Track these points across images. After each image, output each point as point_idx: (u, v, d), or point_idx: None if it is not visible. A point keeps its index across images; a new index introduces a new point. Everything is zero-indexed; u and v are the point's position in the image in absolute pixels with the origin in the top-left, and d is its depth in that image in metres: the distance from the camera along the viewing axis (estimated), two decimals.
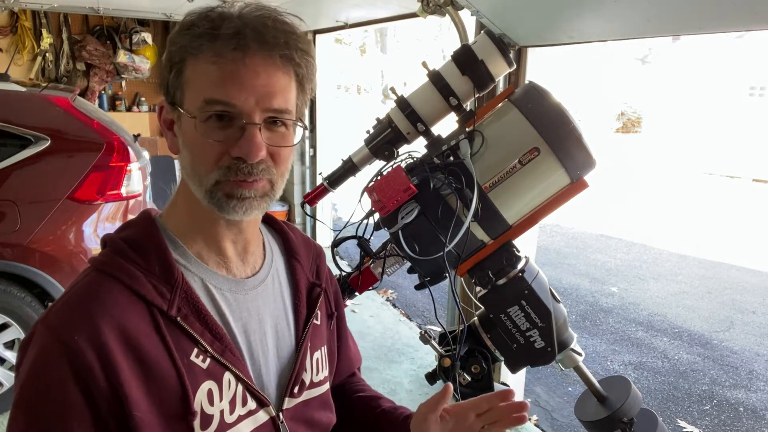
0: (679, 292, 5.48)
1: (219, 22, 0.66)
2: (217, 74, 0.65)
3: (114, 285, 0.66)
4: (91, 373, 0.62)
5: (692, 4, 1.66)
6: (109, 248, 0.71)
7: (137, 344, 0.64)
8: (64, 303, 0.67)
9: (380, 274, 1.10)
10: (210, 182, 0.68)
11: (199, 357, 0.68)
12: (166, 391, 0.66)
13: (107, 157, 2.89)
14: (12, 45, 5.43)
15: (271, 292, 0.81)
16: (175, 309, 0.68)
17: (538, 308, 1.01)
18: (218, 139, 0.66)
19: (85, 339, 0.62)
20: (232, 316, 0.74)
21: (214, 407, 0.69)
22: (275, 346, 0.79)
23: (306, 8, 4.34)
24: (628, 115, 20.46)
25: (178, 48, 0.68)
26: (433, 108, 1.04)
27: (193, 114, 0.67)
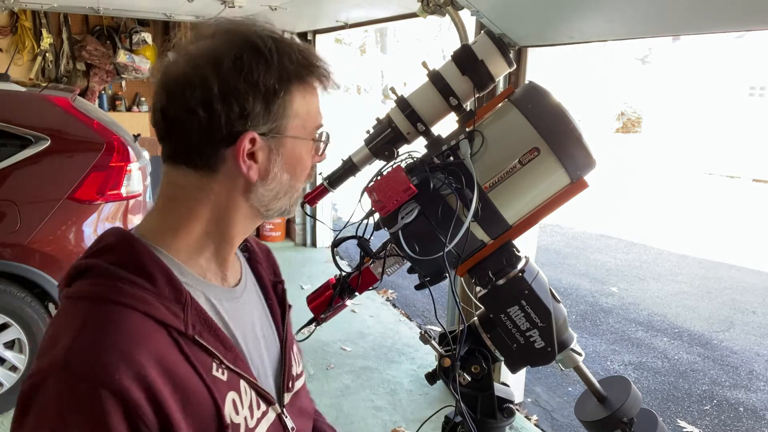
0: (679, 292, 5.49)
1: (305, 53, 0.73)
2: (316, 102, 0.76)
3: (130, 314, 0.64)
4: (140, 411, 0.60)
5: (692, 4, 1.66)
6: (104, 276, 0.67)
7: (171, 369, 0.64)
8: (84, 343, 0.61)
9: (380, 274, 1.10)
10: (300, 192, 0.79)
11: (219, 370, 0.70)
12: (201, 410, 0.66)
13: (107, 157, 2.89)
14: (12, 45, 5.43)
15: (254, 295, 0.85)
16: (191, 327, 0.68)
17: (538, 308, 1.01)
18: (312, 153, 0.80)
19: (128, 377, 0.59)
20: (232, 324, 0.76)
21: (239, 416, 0.71)
22: (266, 346, 0.83)
23: (306, 8, 4.34)
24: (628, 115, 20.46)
25: (278, 79, 0.69)
26: (433, 108, 1.04)
27: (306, 137, 0.75)
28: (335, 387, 3.26)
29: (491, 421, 1.09)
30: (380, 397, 3.18)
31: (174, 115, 0.69)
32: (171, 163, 0.74)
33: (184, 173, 0.73)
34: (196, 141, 0.70)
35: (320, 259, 5.57)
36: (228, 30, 0.72)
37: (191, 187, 0.73)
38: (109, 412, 0.58)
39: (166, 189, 0.75)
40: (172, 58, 0.72)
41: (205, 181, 0.72)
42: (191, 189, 0.73)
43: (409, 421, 2.95)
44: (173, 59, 0.72)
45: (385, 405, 3.10)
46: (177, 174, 0.73)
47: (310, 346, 3.62)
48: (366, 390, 3.25)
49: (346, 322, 4.08)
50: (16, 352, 2.84)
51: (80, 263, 0.69)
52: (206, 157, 0.71)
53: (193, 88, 0.67)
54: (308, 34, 5.37)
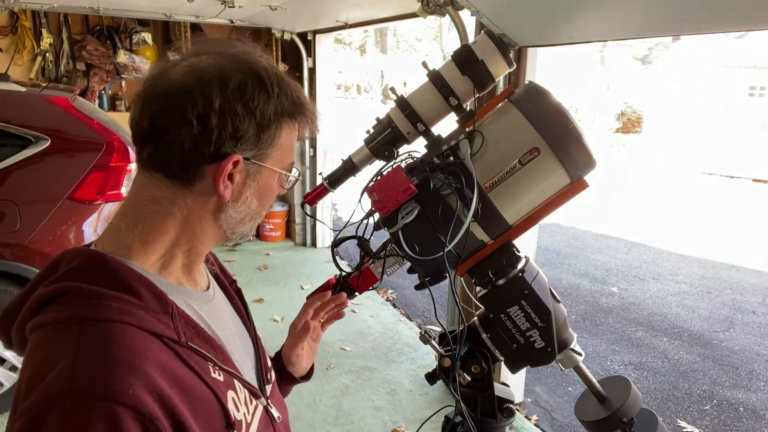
0: (679, 292, 5.49)
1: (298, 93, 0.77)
2: (294, 143, 0.80)
3: (125, 328, 0.63)
4: (156, 422, 0.59)
5: (692, 4, 1.66)
6: (87, 297, 0.65)
7: (177, 377, 0.65)
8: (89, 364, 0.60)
9: (380, 274, 1.10)
10: (260, 221, 0.82)
11: (215, 372, 0.71)
12: (209, 412, 0.68)
13: (107, 157, 2.89)
14: (12, 45, 5.42)
15: (220, 297, 0.88)
16: (183, 335, 0.69)
17: (538, 308, 1.01)
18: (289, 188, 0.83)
19: (141, 390, 0.59)
20: (213, 326, 0.78)
21: (240, 412, 0.73)
22: (242, 344, 0.87)
23: (306, 8, 4.34)
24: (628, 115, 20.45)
25: (274, 111, 0.73)
26: (433, 108, 1.04)
27: (280, 171, 0.78)
28: (335, 387, 3.26)
29: (491, 421, 1.09)
30: (380, 397, 3.18)
31: (167, 121, 0.69)
32: (147, 170, 0.73)
33: (159, 183, 0.72)
34: (181, 152, 0.70)
35: (320, 259, 5.57)
36: (235, 54, 0.74)
37: (164, 200, 0.72)
38: (127, 428, 0.57)
39: (137, 205, 0.74)
40: (170, 65, 0.72)
41: (179, 195, 0.72)
42: (164, 202, 0.73)
43: (409, 421, 2.95)
44: (171, 66, 0.72)
45: (385, 405, 3.10)
46: (151, 183, 0.73)
47: None
48: (366, 390, 3.25)
49: (346, 322, 4.07)
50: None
51: (51, 289, 0.66)
52: (187, 169, 0.71)
53: (195, 100, 0.68)
54: (308, 34, 5.36)
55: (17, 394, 0.61)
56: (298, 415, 2.93)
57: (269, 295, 4.54)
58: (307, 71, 5.51)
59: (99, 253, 0.70)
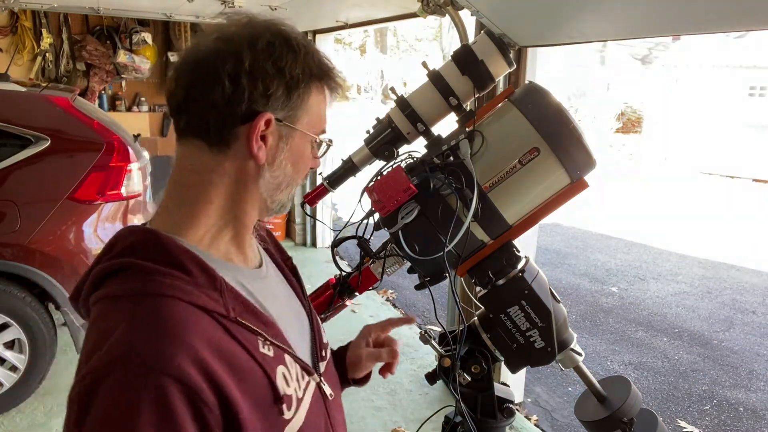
0: (679, 292, 5.49)
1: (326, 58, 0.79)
2: (325, 108, 0.80)
3: (176, 303, 0.66)
4: (201, 394, 0.61)
5: (692, 4, 1.66)
6: (141, 273, 0.68)
7: (223, 350, 0.66)
8: (141, 336, 0.63)
9: (380, 274, 1.10)
10: (295, 190, 0.82)
11: (265, 347, 0.72)
12: (256, 387, 0.69)
13: (107, 157, 2.89)
14: (12, 45, 5.43)
15: (274, 275, 0.88)
16: (232, 310, 0.70)
17: (538, 308, 1.01)
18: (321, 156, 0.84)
19: (186, 362, 0.61)
20: (265, 303, 0.78)
21: (290, 387, 0.74)
22: (297, 320, 0.87)
23: (306, 8, 4.34)
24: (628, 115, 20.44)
25: (302, 71, 0.74)
26: (433, 108, 1.04)
27: (312, 136, 0.78)
28: None
29: (491, 421, 1.09)
30: (380, 397, 3.18)
31: (200, 85, 0.71)
32: (185, 139, 0.75)
33: (197, 150, 0.74)
34: (215, 113, 0.72)
35: (320, 259, 5.57)
36: (263, 21, 0.76)
37: (204, 168, 0.74)
38: (173, 398, 0.60)
39: (179, 177, 0.76)
40: (202, 38, 0.75)
41: (217, 160, 0.74)
42: (204, 170, 0.74)
43: (409, 421, 2.95)
44: (202, 38, 0.75)
45: (385, 405, 3.10)
46: (190, 152, 0.75)
47: None
48: (366, 390, 3.25)
49: (346, 322, 4.06)
50: (16, 352, 2.84)
51: (109, 264, 0.70)
52: (222, 130, 0.73)
53: (225, 61, 0.70)
54: (308, 34, 5.36)
55: (79, 361, 0.65)
56: None
57: None
58: None
59: (152, 231, 0.72)
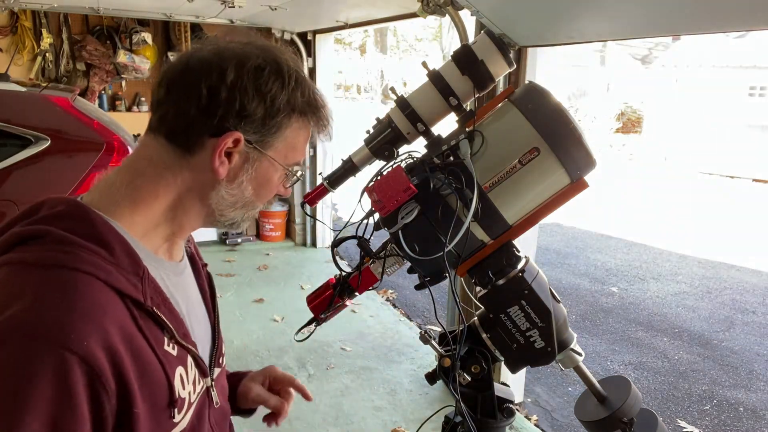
0: (679, 292, 5.49)
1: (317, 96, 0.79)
2: (305, 143, 0.80)
3: (92, 281, 0.63)
4: (103, 379, 0.60)
5: (692, 4, 1.66)
6: (61, 242, 0.64)
7: (131, 339, 0.64)
8: (49, 308, 0.59)
9: (380, 274, 1.10)
10: (256, 213, 0.82)
11: (170, 345, 0.70)
12: (155, 382, 0.67)
13: (107, 157, 2.90)
14: (12, 45, 5.42)
15: (189, 272, 0.88)
16: (149, 299, 0.68)
17: (538, 308, 1.01)
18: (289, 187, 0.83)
19: (97, 344, 0.59)
20: (178, 298, 0.77)
21: (185, 390, 0.72)
22: (203, 322, 0.87)
23: (306, 8, 4.34)
24: (628, 115, 20.45)
25: (285, 101, 0.74)
26: (433, 108, 1.04)
27: (283, 165, 0.78)
28: (335, 387, 3.26)
29: (491, 421, 1.09)
30: (380, 397, 3.18)
31: (180, 88, 0.72)
32: (152, 132, 0.75)
33: (161, 147, 0.74)
34: (187, 118, 0.72)
35: (320, 259, 5.57)
36: (263, 45, 0.77)
37: (162, 165, 0.74)
38: (74, 377, 0.57)
39: (135, 162, 0.75)
40: (201, 45, 0.76)
41: (177, 162, 0.74)
42: (161, 167, 0.74)
43: (409, 421, 2.95)
44: (201, 46, 0.76)
45: (385, 405, 3.10)
46: (154, 145, 0.74)
47: (310, 346, 3.62)
48: (366, 390, 3.25)
49: (346, 322, 4.07)
50: None
51: (26, 229, 0.66)
52: (188, 137, 0.73)
53: (210, 72, 0.71)
54: (308, 34, 5.36)
55: None
56: (298, 415, 2.94)
57: (269, 295, 4.54)
58: (307, 71, 5.49)
59: (81, 204, 0.70)
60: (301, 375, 3.36)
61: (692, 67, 18.01)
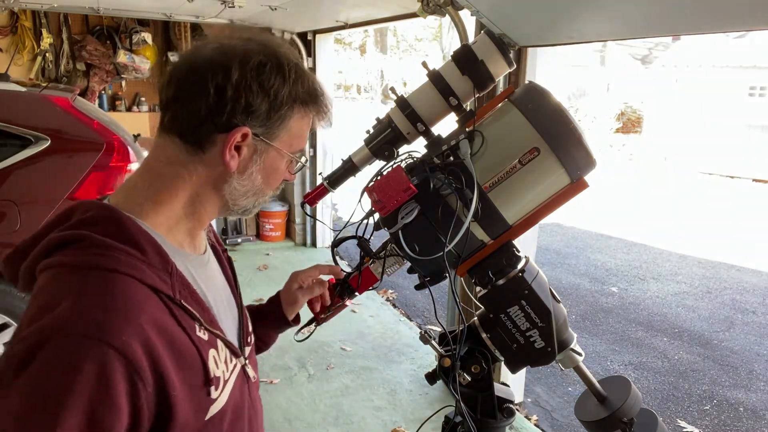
0: (679, 292, 5.49)
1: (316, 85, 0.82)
2: (307, 131, 0.84)
3: (127, 280, 0.68)
4: (140, 371, 0.65)
5: (692, 4, 1.66)
6: (97, 246, 0.69)
7: (165, 330, 0.70)
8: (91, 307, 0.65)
9: (380, 274, 1.10)
10: (265, 199, 0.86)
11: (201, 331, 0.77)
12: (191, 365, 0.73)
13: (107, 157, 2.89)
14: (12, 45, 5.43)
15: (214, 262, 0.94)
16: (178, 293, 0.74)
17: (538, 308, 1.01)
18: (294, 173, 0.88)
19: (134, 339, 0.65)
20: (205, 289, 0.83)
21: (219, 369, 0.79)
22: (228, 306, 0.92)
23: (306, 8, 4.34)
24: (628, 115, 20.44)
25: (288, 94, 0.78)
26: (433, 108, 1.04)
27: (289, 154, 0.83)
28: (335, 387, 3.26)
29: (491, 421, 1.09)
30: (380, 397, 3.18)
31: (188, 88, 0.76)
32: (165, 133, 0.79)
33: (176, 146, 0.78)
34: (197, 117, 0.76)
35: (320, 259, 5.56)
36: (263, 41, 0.81)
37: (178, 163, 0.79)
38: (113, 369, 0.62)
39: (153, 163, 0.80)
40: (204, 44, 0.80)
41: (191, 159, 0.78)
42: (177, 165, 0.79)
43: (409, 421, 2.95)
44: (204, 44, 0.80)
45: (385, 405, 3.10)
46: (168, 146, 0.79)
47: (310, 346, 3.62)
48: (366, 390, 3.25)
49: (346, 322, 4.08)
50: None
51: (64, 234, 0.71)
52: (200, 135, 0.77)
53: (215, 72, 0.74)
54: (308, 34, 5.36)
55: (21, 323, 0.66)
56: (298, 415, 2.94)
57: (269, 295, 4.50)
58: None
59: (111, 208, 0.75)
60: (301, 375, 3.36)
61: (692, 67, 18.01)
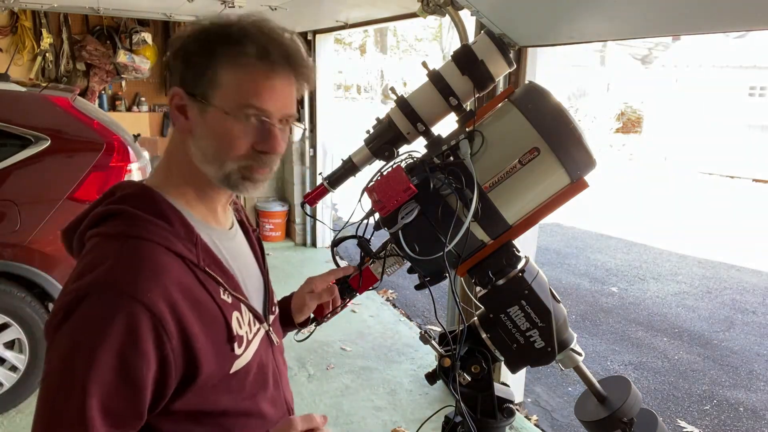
0: (679, 292, 5.49)
1: (260, 39, 0.82)
2: (255, 85, 0.82)
3: (156, 247, 0.79)
4: (164, 323, 0.75)
5: (692, 4, 1.66)
6: (133, 218, 0.81)
7: (189, 290, 0.80)
8: (122, 268, 0.76)
9: (380, 274, 1.10)
10: (232, 168, 0.84)
11: (225, 295, 0.86)
12: (214, 323, 0.83)
13: (107, 157, 2.89)
14: (12, 45, 5.43)
15: (241, 237, 1.02)
16: (202, 260, 0.84)
17: (538, 308, 1.01)
18: (253, 138, 0.84)
19: (158, 296, 0.75)
20: (231, 259, 0.92)
21: (242, 330, 0.88)
22: (255, 277, 1.01)
23: (306, 8, 4.34)
24: (628, 115, 20.45)
25: (207, 52, 0.82)
26: (433, 108, 1.04)
27: (228, 111, 0.81)
28: (335, 387, 3.26)
29: (491, 421, 1.09)
30: (380, 397, 3.18)
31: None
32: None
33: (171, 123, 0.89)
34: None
35: (320, 259, 5.57)
36: (230, 14, 0.86)
37: (175, 140, 0.89)
38: (140, 321, 0.73)
39: (168, 145, 0.91)
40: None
41: (174, 131, 0.88)
42: (175, 141, 0.89)
43: (409, 421, 2.95)
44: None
45: (385, 405, 3.10)
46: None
47: (310, 346, 3.62)
48: (366, 390, 3.25)
49: (346, 322, 4.08)
50: (16, 352, 2.84)
51: (108, 209, 0.83)
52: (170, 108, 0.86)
53: (173, 43, 0.85)
54: (308, 34, 5.36)
55: (67, 281, 0.79)
56: (298, 415, 2.93)
57: None
58: None
59: (145, 186, 0.87)
60: (301, 375, 3.36)
61: (692, 67, 18.01)
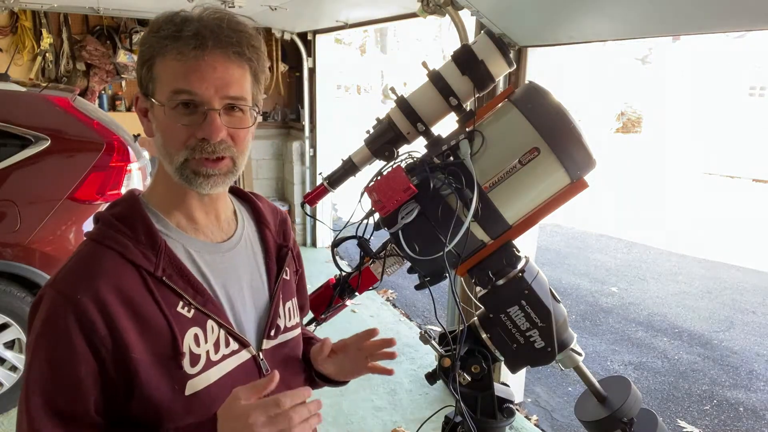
0: (679, 292, 5.49)
1: (181, 26, 0.79)
2: (181, 69, 0.79)
3: (107, 252, 0.80)
4: (93, 325, 0.75)
5: (692, 4, 1.66)
6: (101, 223, 0.85)
7: (131, 299, 0.79)
8: (68, 269, 0.80)
9: (380, 274, 1.10)
10: (179, 160, 0.82)
11: (185, 308, 0.83)
12: (158, 337, 0.80)
13: (107, 157, 2.89)
14: (12, 45, 5.42)
15: (245, 252, 0.96)
16: (161, 270, 0.82)
17: (538, 308, 1.00)
18: (185, 123, 0.80)
19: (87, 296, 0.76)
20: (211, 273, 0.88)
21: (200, 348, 0.83)
22: (252, 297, 0.95)
23: (306, 8, 4.34)
24: (628, 115, 20.45)
25: (147, 48, 0.81)
26: (433, 108, 1.04)
27: (163, 102, 0.80)
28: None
29: (491, 421, 1.09)
30: (380, 397, 3.18)
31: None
32: None
33: None
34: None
35: (320, 259, 5.57)
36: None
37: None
38: (67, 316, 0.75)
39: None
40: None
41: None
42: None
43: (409, 421, 2.95)
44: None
45: (385, 405, 3.10)
46: None
47: None
48: (366, 390, 3.25)
49: (346, 322, 4.08)
50: (16, 352, 2.84)
51: (96, 214, 0.87)
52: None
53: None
54: (308, 34, 5.37)
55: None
56: None
57: None
58: (307, 71, 5.52)
59: (133, 195, 0.88)
60: None
61: (692, 67, 18.02)
